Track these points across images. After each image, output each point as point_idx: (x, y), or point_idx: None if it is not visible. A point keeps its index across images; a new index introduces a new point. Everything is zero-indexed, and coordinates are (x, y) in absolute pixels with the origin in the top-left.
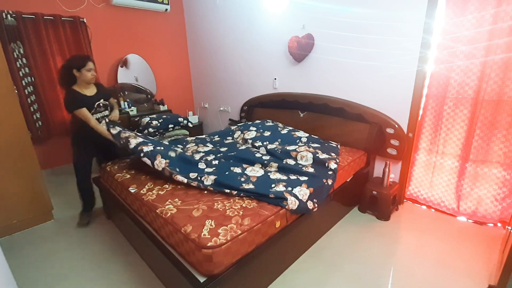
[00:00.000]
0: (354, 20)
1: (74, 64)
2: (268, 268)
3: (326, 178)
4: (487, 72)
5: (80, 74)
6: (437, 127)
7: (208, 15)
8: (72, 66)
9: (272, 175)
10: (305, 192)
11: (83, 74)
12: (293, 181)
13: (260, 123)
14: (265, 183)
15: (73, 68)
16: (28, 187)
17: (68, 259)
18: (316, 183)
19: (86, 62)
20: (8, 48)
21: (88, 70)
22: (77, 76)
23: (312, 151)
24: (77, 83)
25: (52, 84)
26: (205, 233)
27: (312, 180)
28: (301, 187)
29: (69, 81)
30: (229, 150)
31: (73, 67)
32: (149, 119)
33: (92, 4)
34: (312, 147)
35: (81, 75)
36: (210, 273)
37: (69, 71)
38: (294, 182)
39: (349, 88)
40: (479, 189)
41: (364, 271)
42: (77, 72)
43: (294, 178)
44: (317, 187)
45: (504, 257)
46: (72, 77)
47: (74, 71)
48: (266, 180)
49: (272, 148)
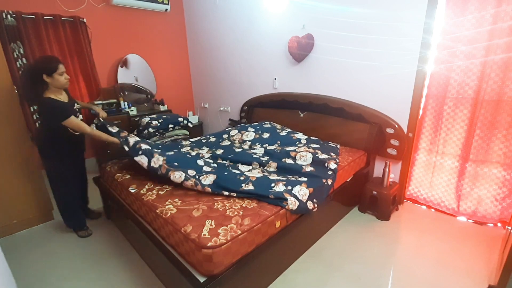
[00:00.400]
0: (354, 20)
1: (44, 68)
2: (268, 268)
3: (325, 178)
4: (487, 72)
5: (52, 80)
6: (437, 127)
7: (208, 15)
8: (42, 71)
9: (271, 176)
10: (305, 192)
11: (56, 79)
12: (293, 181)
13: (258, 125)
14: (265, 183)
15: (43, 74)
16: (28, 187)
17: (68, 259)
18: (316, 183)
19: (57, 65)
20: (8, 48)
21: (61, 74)
22: (49, 82)
23: (312, 151)
24: (48, 90)
25: None
26: (205, 233)
27: (311, 180)
28: (300, 187)
29: (37, 90)
30: (226, 152)
31: (43, 72)
32: (149, 119)
33: (92, 4)
34: (312, 148)
35: (54, 81)
36: (210, 273)
37: (38, 77)
38: (293, 182)
39: (349, 88)
40: (479, 189)
41: (364, 271)
42: (48, 78)
43: (293, 179)
44: (317, 187)
45: (504, 257)
46: (40, 85)
47: (45, 76)
48: (265, 180)
49: (271, 149)
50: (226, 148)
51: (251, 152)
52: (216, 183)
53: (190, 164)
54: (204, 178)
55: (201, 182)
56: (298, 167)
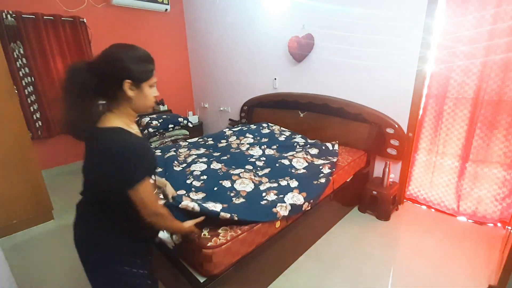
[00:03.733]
0: (354, 20)
1: (132, 70)
2: (268, 268)
3: (317, 180)
4: (487, 72)
5: (139, 94)
6: (437, 127)
7: (208, 15)
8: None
9: (262, 186)
10: (298, 197)
11: (144, 94)
12: (284, 187)
13: (256, 130)
14: (255, 195)
15: (128, 79)
16: (28, 187)
17: (68, 259)
18: (308, 187)
19: (153, 70)
20: (8, 48)
21: (152, 85)
22: (131, 96)
23: (309, 160)
24: (112, 113)
25: (52, 84)
26: (205, 233)
27: (302, 183)
28: (292, 193)
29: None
30: (223, 154)
31: (131, 77)
32: (149, 119)
33: (92, 4)
34: (310, 154)
35: (140, 96)
36: (210, 273)
37: (115, 83)
38: (285, 189)
39: (349, 88)
40: (479, 189)
41: (364, 271)
42: (132, 88)
43: (284, 185)
44: (309, 190)
45: (504, 257)
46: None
47: (127, 85)
48: (256, 192)
49: (269, 154)
50: (223, 150)
51: (248, 153)
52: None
53: (179, 186)
54: (194, 195)
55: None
56: (291, 168)
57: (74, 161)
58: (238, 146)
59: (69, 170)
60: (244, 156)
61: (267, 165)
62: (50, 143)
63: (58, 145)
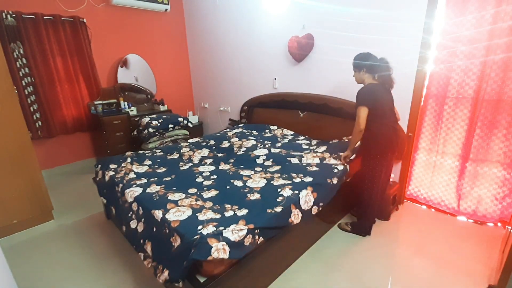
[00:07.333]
0: (354, 20)
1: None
2: (268, 268)
3: (331, 178)
4: (487, 72)
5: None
6: (437, 127)
7: (208, 15)
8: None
9: (276, 182)
10: (310, 198)
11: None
12: (298, 184)
13: (258, 135)
14: (270, 191)
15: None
16: (28, 187)
17: (68, 259)
18: (321, 185)
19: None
20: (8, 48)
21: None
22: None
23: (320, 156)
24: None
25: (52, 84)
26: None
27: (316, 180)
28: (307, 191)
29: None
30: (228, 156)
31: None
32: (149, 119)
33: (92, 4)
34: (319, 152)
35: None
36: (210, 273)
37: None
38: (299, 185)
39: (349, 88)
40: (479, 188)
41: (364, 271)
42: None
43: (298, 181)
44: (322, 191)
45: (504, 257)
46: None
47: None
48: (270, 187)
49: (275, 152)
50: (228, 151)
51: (254, 155)
52: (219, 198)
53: (190, 185)
54: (206, 194)
55: (203, 197)
56: (303, 166)
57: (74, 161)
58: (241, 146)
59: (69, 170)
60: (250, 158)
61: (276, 163)
62: (50, 143)
63: (58, 145)
